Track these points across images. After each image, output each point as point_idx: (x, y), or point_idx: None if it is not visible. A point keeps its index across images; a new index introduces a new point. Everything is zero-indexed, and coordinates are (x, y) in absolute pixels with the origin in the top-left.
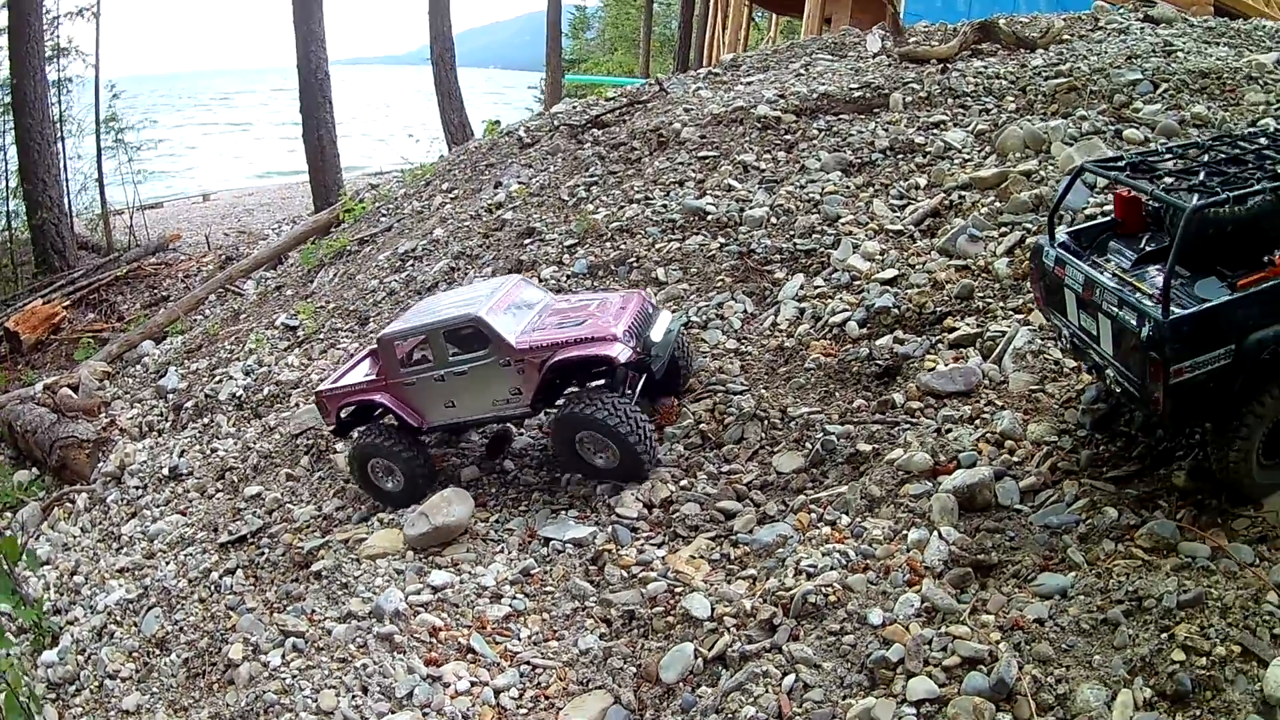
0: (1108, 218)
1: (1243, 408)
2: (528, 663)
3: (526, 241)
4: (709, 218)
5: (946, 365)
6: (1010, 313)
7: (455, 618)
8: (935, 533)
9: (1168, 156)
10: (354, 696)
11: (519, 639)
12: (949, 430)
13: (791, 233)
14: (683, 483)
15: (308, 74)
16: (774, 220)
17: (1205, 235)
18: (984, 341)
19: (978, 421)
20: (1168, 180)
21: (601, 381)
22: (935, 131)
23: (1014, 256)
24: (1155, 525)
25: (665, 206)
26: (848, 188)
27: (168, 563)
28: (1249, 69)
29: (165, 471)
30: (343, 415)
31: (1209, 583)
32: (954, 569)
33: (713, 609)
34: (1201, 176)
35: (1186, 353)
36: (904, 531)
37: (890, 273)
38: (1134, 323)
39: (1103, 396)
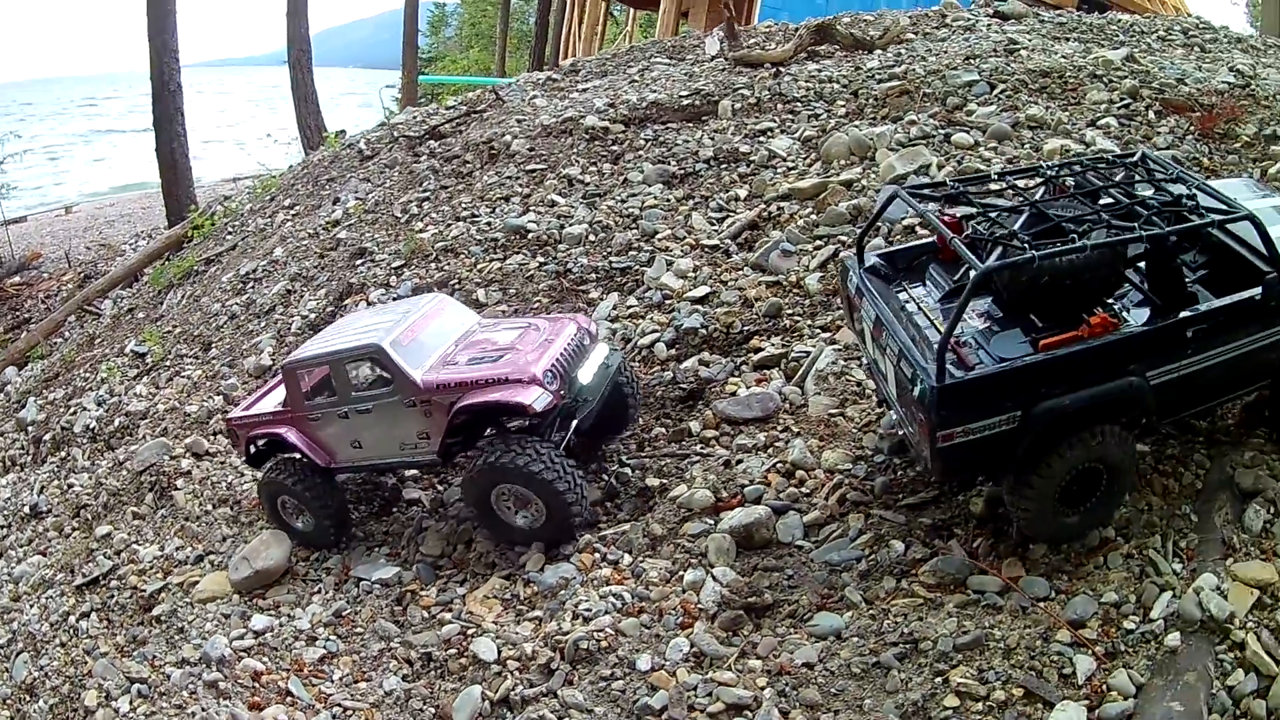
0: (929, 239)
1: (1031, 468)
2: (339, 705)
3: (358, 263)
4: (530, 236)
5: (748, 389)
6: (817, 331)
7: (275, 661)
8: (710, 574)
9: (996, 185)
10: None
11: (332, 681)
12: (740, 461)
13: (609, 250)
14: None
15: (160, 86)
16: (592, 238)
17: (1019, 284)
18: (788, 362)
19: (771, 450)
20: (979, 220)
21: (522, 423)
22: (761, 139)
23: (826, 271)
24: (940, 561)
25: (490, 225)
26: (668, 201)
27: (32, 606)
28: (1095, 66)
29: (27, 510)
30: (254, 445)
31: (994, 621)
32: (726, 611)
33: (499, 651)
34: (1017, 225)
35: (958, 418)
36: (681, 572)
37: (702, 290)
38: (910, 378)
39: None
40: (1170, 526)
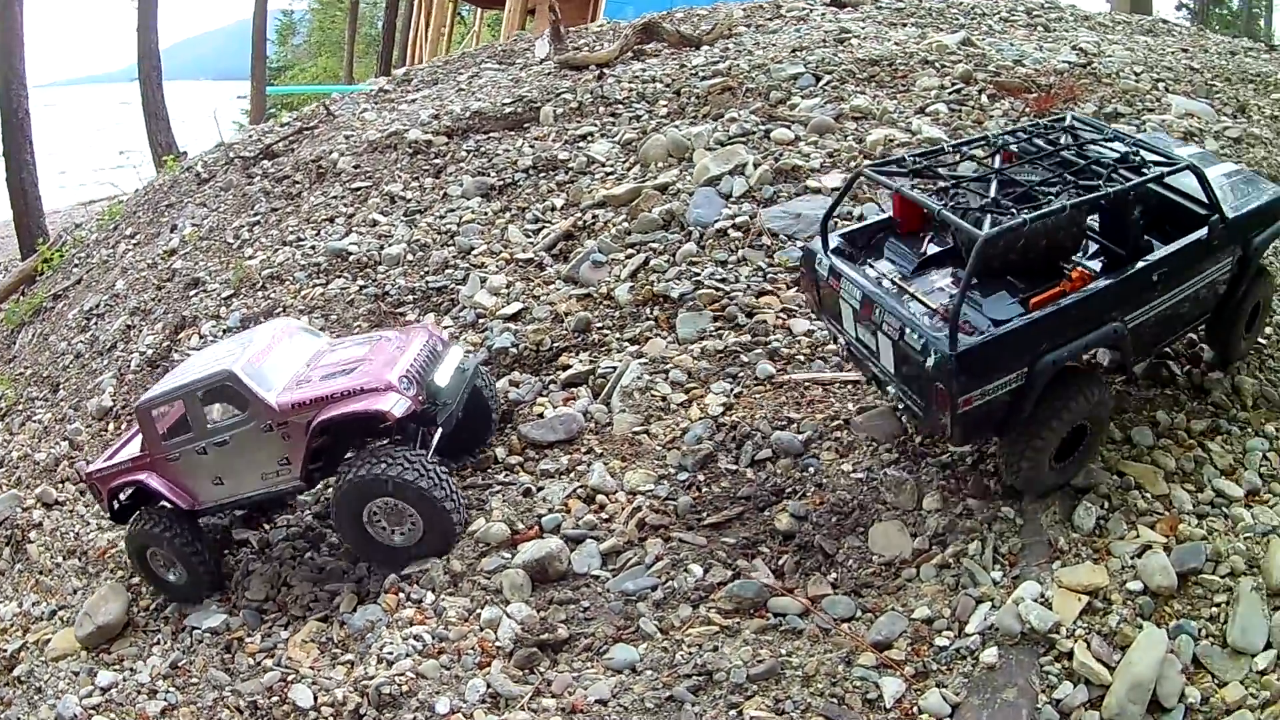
0: (884, 216)
1: (1040, 423)
2: None
3: (192, 294)
4: (350, 259)
5: (555, 409)
6: (625, 344)
7: (122, 717)
8: (505, 611)
9: (953, 157)
10: None
11: None
12: (541, 489)
13: (426, 270)
14: (308, 554)
15: (9, 114)
16: (410, 257)
17: (996, 251)
18: (596, 379)
19: (573, 474)
20: (956, 193)
21: (386, 441)
22: (581, 145)
23: (636, 281)
24: (737, 586)
25: (314, 249)
26: (486, 214)
27: None
28: (928, 51)
29: None
30: (118, 498)
31: (793, 647)
32: (521, 649)
33: (315, 698)
34: (993, 191)
35: (976, 383)
36: (479, 610)
37: (515, 307)
38: (918, 350)
39: (709, 435)
40: (991, 530)
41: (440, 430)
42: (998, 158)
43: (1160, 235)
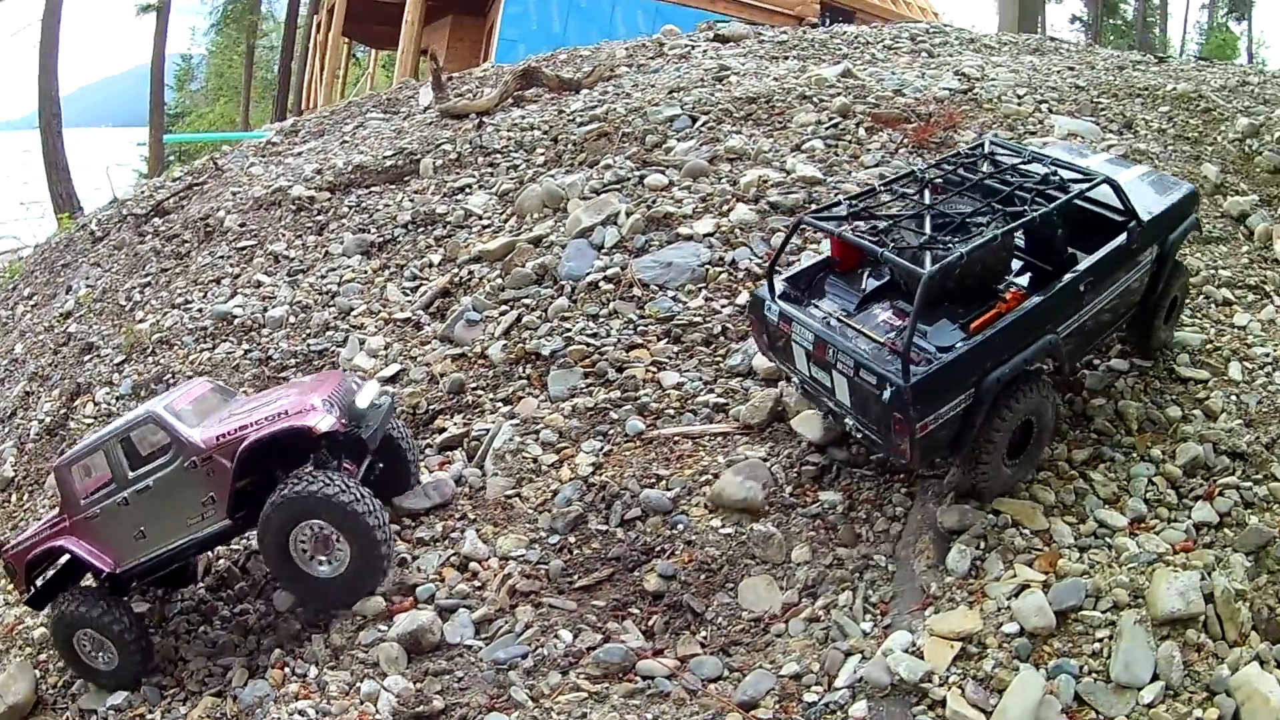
0: (823, 256)
1: (989, 428)
2: None
3: (87, 359)
4: (235, 321)
5: (431, 474)
6: (499, 405)
7: None
8: (382, 685)
9: (886, 197)
10: None
11: None
12: (416, 557)
13: (307, 332)
14: (201, 628)
15: None
16: (293, 319)
17: (936, 284)
18: (470, 441)
19: (447, 541)
20: (894, 233)
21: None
22: (460, 197)
23: (509, 339)
24: (604, 651)
25: (200, 311)
26: (365, 273)
27: None
28: (806, 86)
29: None
30: (37, 580)
31: (659, 711)
32: None
33: None
34: (929, 229)
35: (930, 409)
36: (358, 684)
37: (393, 369)
38: (874, 384)
39: (578, 496)
40: (862, 579)
41: (369, 458)
42: (927, 192)
43: (1081, 244)
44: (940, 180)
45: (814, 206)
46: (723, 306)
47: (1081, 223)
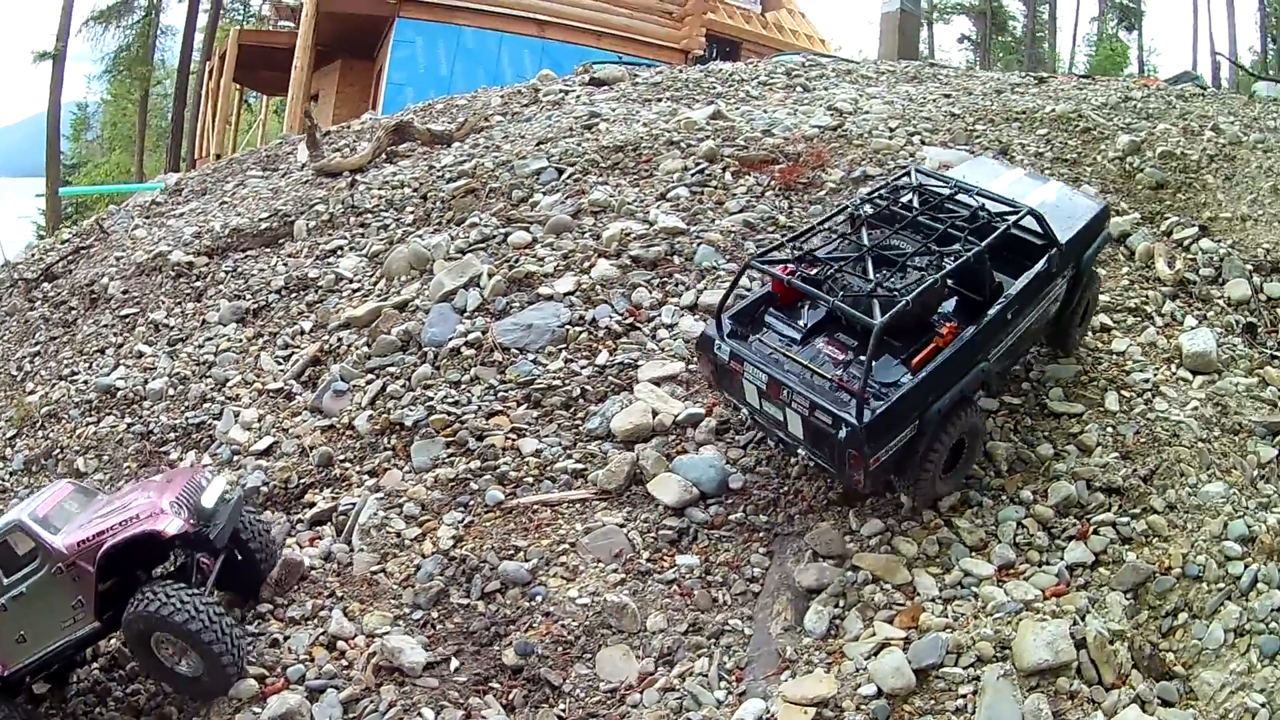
0: (764, 291)
1: (929, 449)
2: None
3: None
4: (118, 394)
5: (302, 549)
6: (365, 477)
7: None
8: None
9: (820, 232)
10: None
11: None
12: (288, 637)
13: (185, 405)
14: (97, 709)
15: None
16: (172, 391)
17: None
18: (338, 516)
19: (316, 620)
20: (839, 277)
21: (167, 567)
22: (331, 260)
23: (375, 409)
24: None
25: (85, 383)
26: (240, 341)
27: None
28: (674, 130)
29: None
30: None
31: None
32: None
33: None
34: (873, 277)
35: (882, 443)
36: None
37: (266, 441)
38: (829, 424)
39: (439, 570)
40: (718, 645)
41: (221, 558)
42: (863, 230)
43: (1003, 265)
44: (871, 214)
45: (677, 258)
46: (582, 368)
47: (1003, 245)
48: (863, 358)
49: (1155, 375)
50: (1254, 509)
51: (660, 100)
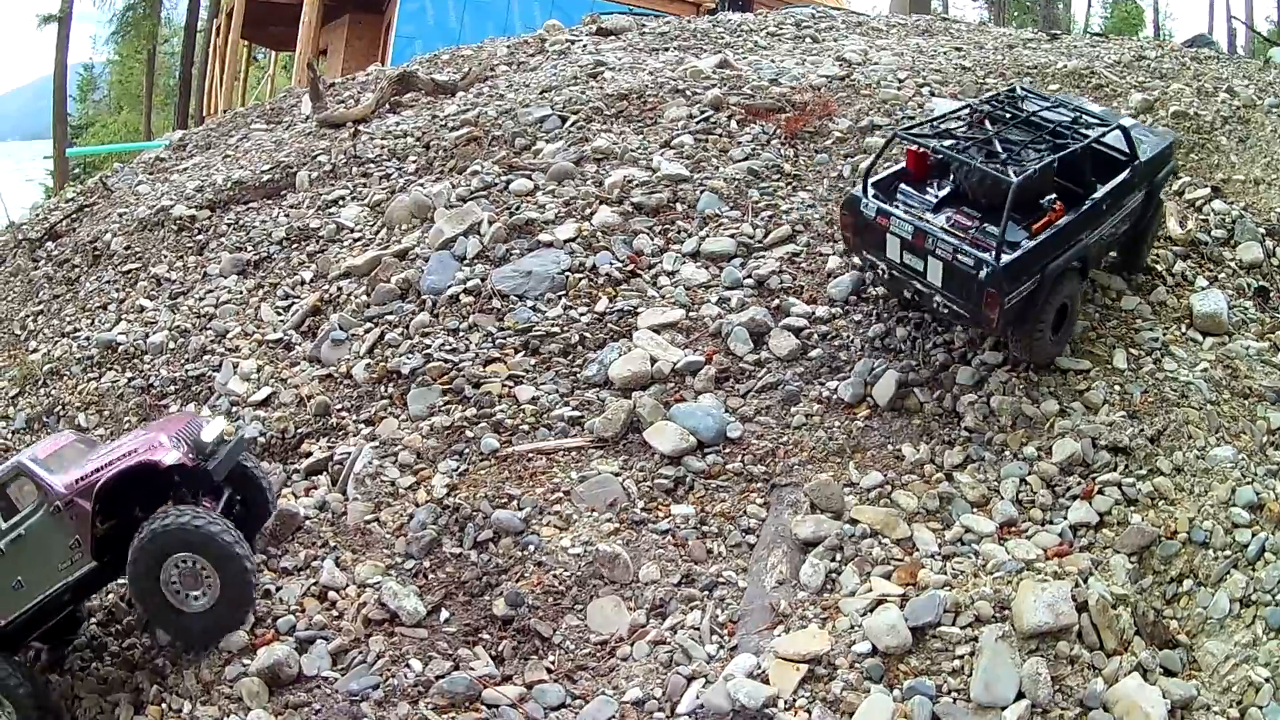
0: (898, 166)
1: (1043, 310)
2: None
3: None
4: (120, 349)
5: (297, 499)
6: (361, 426)
7: None
8: (245, 719)
9: (949, 120)
10: None
11: None
12: (280, 588)
13: (185, 358)
14: (93, 664)
15: None
16: (172, 345)
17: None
18: (333, 465)
19: (308, 570)
20: (969, 152)
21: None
22: (333, 211)
23: (373, 358)
24: (448, 681)
25: (88, 340)
26: (240, 293)
27: None
28: (681, 79)
29: None
30: None
31: None
32: None
33: None
34: (1001, 151)
35: (1014, 286)
36: (226, 718)
37: (265, 392)
38: (971, 265)
39: (433, 519)
40: (712, 598)
41: (226, 494)
42: (987, 122)
43: (1094, 176)
44: (989, 115)
45: (679, 205)
46: (581, 314)
47: (1092, 158)
48: (987, 226)
49: (1165, 335)
50: (1263, 475)
51: (667, 50)
